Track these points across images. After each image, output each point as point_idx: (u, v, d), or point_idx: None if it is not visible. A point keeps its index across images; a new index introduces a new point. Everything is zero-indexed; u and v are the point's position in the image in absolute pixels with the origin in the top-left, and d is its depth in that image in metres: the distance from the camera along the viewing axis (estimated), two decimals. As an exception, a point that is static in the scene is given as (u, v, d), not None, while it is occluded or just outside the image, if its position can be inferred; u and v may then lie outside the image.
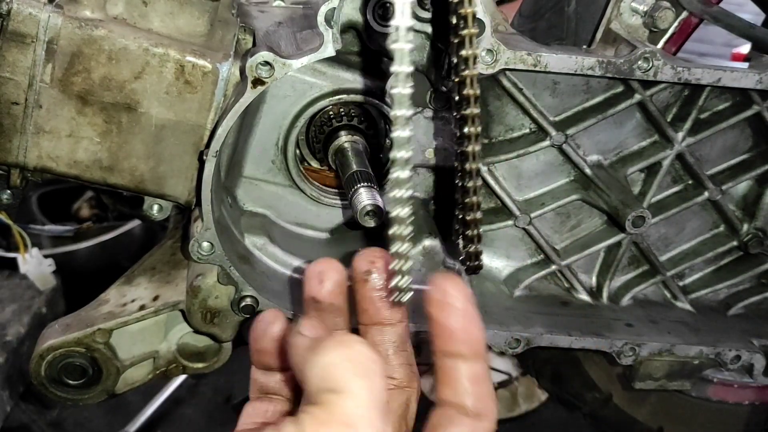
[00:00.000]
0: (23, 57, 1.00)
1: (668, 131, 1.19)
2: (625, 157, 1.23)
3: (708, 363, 1.27)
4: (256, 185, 1.20)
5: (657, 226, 1.29)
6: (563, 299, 1.30)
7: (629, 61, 1.05)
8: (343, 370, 0.58)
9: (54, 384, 1.15)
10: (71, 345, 1.12)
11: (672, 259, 1.33)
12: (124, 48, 1.01)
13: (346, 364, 0.59)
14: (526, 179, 1.23)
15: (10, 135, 1.04)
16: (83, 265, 2.60)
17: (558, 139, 1.16)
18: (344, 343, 0.60)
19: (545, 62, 1.03)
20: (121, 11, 1.02)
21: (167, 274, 1.21)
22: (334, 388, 0.58)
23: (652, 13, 1.13)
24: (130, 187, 1.10)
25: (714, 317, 1.34)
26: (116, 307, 1.17)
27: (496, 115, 1.17)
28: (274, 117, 1.15)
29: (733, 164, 1.28)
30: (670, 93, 1.19)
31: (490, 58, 1.00)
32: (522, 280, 1.27)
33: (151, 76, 1.03)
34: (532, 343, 1.19)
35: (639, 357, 1.23)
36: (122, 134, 1.05)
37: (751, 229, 1.31)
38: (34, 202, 2.73)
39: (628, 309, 1.31)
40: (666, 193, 1.27)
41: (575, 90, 1.16)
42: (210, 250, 1.06)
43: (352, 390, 0.58)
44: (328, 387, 0.58)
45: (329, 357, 0.59)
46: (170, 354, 1.21)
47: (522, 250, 1.28)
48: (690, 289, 1.36)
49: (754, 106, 1.20)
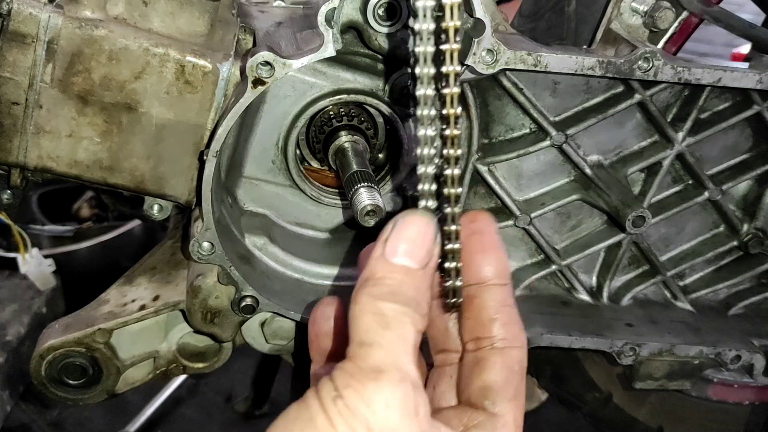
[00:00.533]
0: (23, 57, 1.00)
1: (668, 131, 1.19)
2: (626, 157, 1.23)
3: (708, 363, 1.27)
4: (257, 185, 1.20)
5: (657, 226, 1.29)
6: (563, 299, 1.30)
7: (629, 61, 1.05)
8: (371, 323, 0.61)
9: (54, 384, 1.15)
10: (71, 345, 1.12)
11: (672, 259, 1.33)
12: (125, 48, 1.01)
13: (373, 317, 0.62)
14: (526, 179, 1.23)
15: (10, 135, 1.04)
16: (83, 265, 2.61)
17: (558, 139, 1.16)
18: (372, 296, 0.63)
19: (545, 62, 1.03)
20: (121, 11, 1.02)
21: (167, 274, 1.21)
22: (363, 341, 0.61)
23: (652, 13, 1.13)
24: (131, 187, 1.10)
25: (714, 317, 1.34)
26: (116, 307, 1.17)
27: (497, 115, 1.17)
28: (275, 117, 1.15)
29: (734, 164, 1.28)
30: (670, 93, 1.19)
31: (491, 58, 1.00)
32: (522, 280, 1.27)
33: (151, 76, 1.02)
34: (533, 343, 1.19)
35: (639, 357, 1.23)
36: (122, 134, 1.05)
37: (752, 229, 1.31)
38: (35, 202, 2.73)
39: (628, 309, 1.31)
40: (666, 193, 1.27)
41: (575, 90, 1.16)
42: (210, 250, 1.06)
43: (380, 342, 0.60)
44: (358, 341, 0.61)
45: (359, 313, 0.62)
46: (170, 354, 1.21)
47: (522, 250, 1.28)
48: (690, 289, 1.36)
49: (755, 106, 1.20)
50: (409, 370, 0.60)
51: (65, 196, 2.81)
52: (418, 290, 0.65)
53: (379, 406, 0.58)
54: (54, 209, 2.76)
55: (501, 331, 0.71)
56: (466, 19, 0.98)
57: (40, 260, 2.40)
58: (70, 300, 2.50)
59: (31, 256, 2.37)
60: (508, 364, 0.71)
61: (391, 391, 0.59)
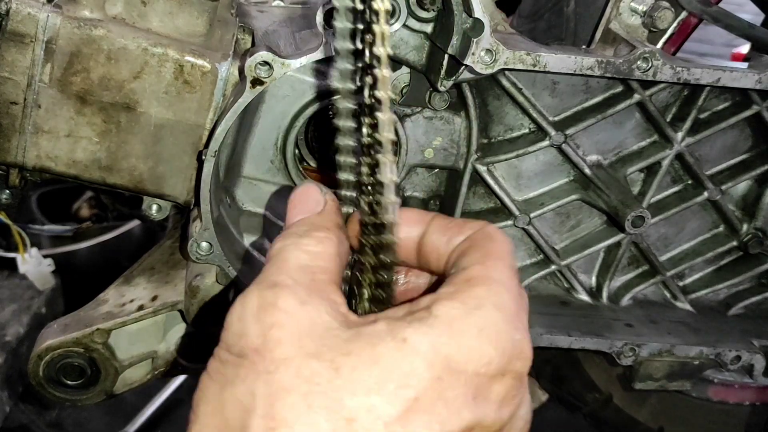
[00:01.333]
0: (22, 57, 1.00)
1: (668, 131, 1.19)
2: (625, 157, 1.23)
3: (708, 363, 1.27)
4: (255, 185, 1.20)
5: (657, 226, 1.29)
6: (563, 299, 1.29)
7: (628, 61, 1.05)
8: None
9: (52, 384, 1.15)
10: (70, 345, 1.12)
11: (672, 259, 1.33)
12: (123, 48, 1.01)
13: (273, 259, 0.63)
14: (525, 179, 1.22)
15: (9, 135, 1.04)
16: (82, 265, 2.60)
17: (557, 139, 1.16)
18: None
19: (544, 62, 1.03)
20: (120, 11, 1.02)
21: (166, 274, 1.21)
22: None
23: (651, 13, 1.12)
24: (129, 186, 1.10)
25: (714, 317, 1.34)
26: (115, 307, 1.16)
27: (496, 115, 1.17)
28: (273, 117, 1.14)
29: (733, 164, 1.28)
30: (669, 93, 1.19)
31: (489, 58, 1.00)
32: (522, 280, 1.27)
33: (149, 75, 1.02)
34: (532, 344, 1.18)
35: (639, 357, 1.23)
36: (121, 134, 1.05)
37: (751, 229, 1.31)
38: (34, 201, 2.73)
39: (628, 309, 1.30)
40: (665, 193, 1.27)
41: (575, 90, 1.16)
42: (209, 250, 1.06)
43: (269, 269, 0.60)
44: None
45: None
46: (169, 354, 1.20)
47: (521, 250, 1.28)
48: (690, 289, 1.35)
49: (754, 106, 1.20)
50: (280, 280, 0.57)
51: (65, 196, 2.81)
52: (312, 224, 0.63)
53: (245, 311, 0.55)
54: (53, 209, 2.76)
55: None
56: (465, 19, 0.98)
57: (40, 260, 2.39)
58: (69, 300, 2.49)
59: (31, 256, 2.37)
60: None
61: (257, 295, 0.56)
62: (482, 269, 0.59)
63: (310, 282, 0.58)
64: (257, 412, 0.51)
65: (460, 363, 0.53)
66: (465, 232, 0.64)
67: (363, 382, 0.50)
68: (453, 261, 0.63)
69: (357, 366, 0.51)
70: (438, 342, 0.52)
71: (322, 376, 0.51)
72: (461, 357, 0.53)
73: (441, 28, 1.00)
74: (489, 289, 0.58)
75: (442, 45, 1.00)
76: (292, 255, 0.60)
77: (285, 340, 0.53)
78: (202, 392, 0.56)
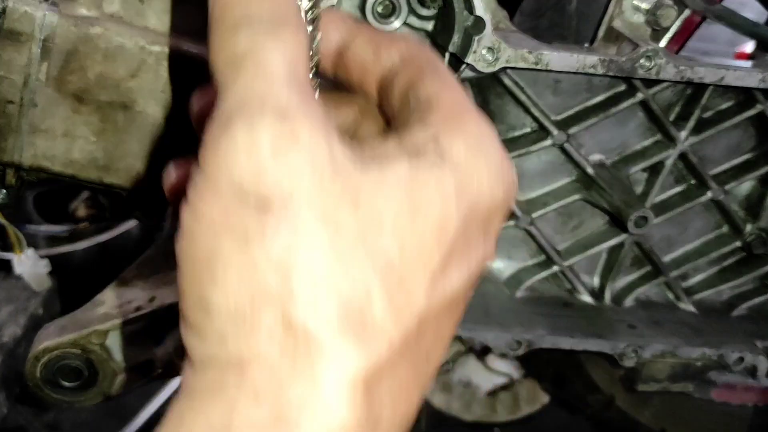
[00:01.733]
0: (18, 55, 0.99)
1: (671, 130, 1.18)
2: (628, 156, 1.22)
3: (711, 365, 1.26)
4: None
5: (660, 227, 1.28)
6: (565, 300, 1.29)
7: (631, 60, 1.04)
8: (224, 70, 0.50)
9: (50, 386, 1.14)
10: (67, 347, 1.11)
11: (675, 259, 1.32)
12: (120, 46, 1.00)
13: (225, 64, 0.50)
14: (527, 179, 1.22)
15: (5, 134, 1.03)
16: (79, 266, 2.59)
17: (560, 139, 1.15)
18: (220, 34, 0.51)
19: (546, 60, 1.02)
20: (117, 9, 1.01)
21: (164, 275, 1.20)
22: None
23: (654, 11, 1.11)
24: (127, 186, 1.09)
25: (717, 319, 1.33)
26: (112, 308, 1.15)
27: (497, 114, 1.16)
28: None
29: (737, 164, 1.27)
30: (672, 92, 1.18)
31: (491, 57, 0.99)
32: (523, 281, 1.26)
33: (147, 74, 1.01)
34: (534, 345, 1.17)
35: (642, 359, 1.22)
36: (118, 133, 1.04)
37: (755, 229, 1.30)
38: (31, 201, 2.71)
39: (630, 310, 1.30)
40: (669, 193, 1.26)
41: (577, 89, 1.15)
42: (207, 251, 1.05)
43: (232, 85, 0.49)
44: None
45: (212, 64, 0.51)
46: (167, 356, 1.19)
47: (523, 251, 1.27)
48: (693, 290, 1.34)
49: (758, 105, 1.19)
50: (271, 99, 0.45)
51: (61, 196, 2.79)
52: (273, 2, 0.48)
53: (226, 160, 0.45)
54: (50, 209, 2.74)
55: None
56: (466, 17, 0.97)
57: (36, 261, 2.37)
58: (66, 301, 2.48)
59: (27, 257, 2.35)
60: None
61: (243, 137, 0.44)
62: (452, 99, 0.57)
63: (308, 99, 0.47)
64: (297, 270, 0.45)
65: (479, 203, 0.52)
66: (395, 48, 0.59)
67: (402, 229, 0.47)
68: (402, 87, 0.57)
69: (393, 209, 0.47)
70: (462, 182, 0.51)
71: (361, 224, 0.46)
72: (479, 197, 0.52)
73: (442, 26, 0.99)
74: (477, 124, 0.57)
75: (443, 43, 1.00)
76: (274, 59, 0.46)
77: (313, 183, 0.44)
78: (214, 252, 0.47)
